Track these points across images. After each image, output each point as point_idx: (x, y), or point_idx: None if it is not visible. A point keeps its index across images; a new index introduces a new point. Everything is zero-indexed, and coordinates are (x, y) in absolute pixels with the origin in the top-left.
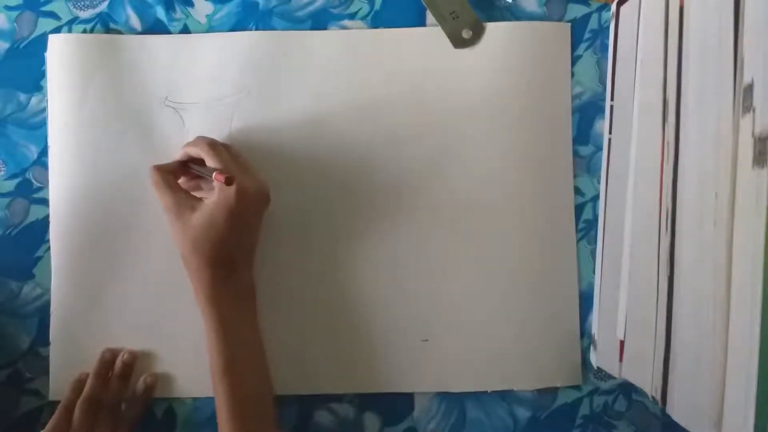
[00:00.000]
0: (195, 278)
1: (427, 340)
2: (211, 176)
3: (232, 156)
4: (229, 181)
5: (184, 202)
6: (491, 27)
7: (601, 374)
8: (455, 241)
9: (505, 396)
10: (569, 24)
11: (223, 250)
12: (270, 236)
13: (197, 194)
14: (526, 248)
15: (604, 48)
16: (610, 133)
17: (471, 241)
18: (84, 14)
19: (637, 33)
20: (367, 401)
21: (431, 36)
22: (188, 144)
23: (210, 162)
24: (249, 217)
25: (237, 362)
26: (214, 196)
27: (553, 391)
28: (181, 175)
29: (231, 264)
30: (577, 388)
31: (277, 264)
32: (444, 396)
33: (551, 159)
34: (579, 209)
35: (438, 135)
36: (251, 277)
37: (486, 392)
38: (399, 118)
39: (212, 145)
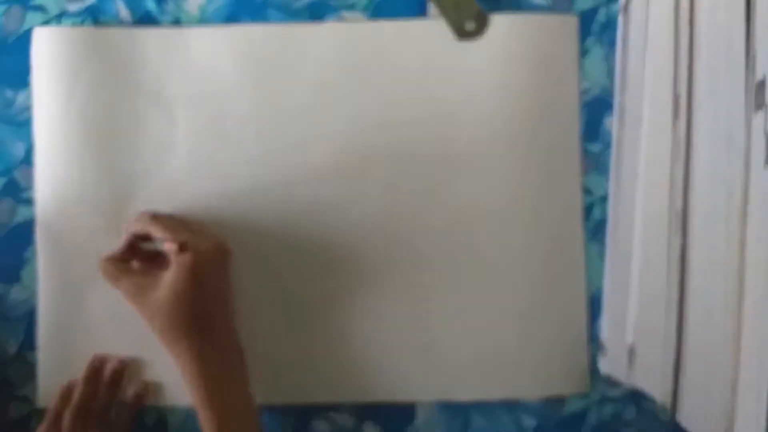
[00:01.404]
0: (176, 353)
1: (429, 347)
2: (163, 248)
3: (178, 221)
4: (182, 247)
5: (144, 283)
6: (496, 20)
7: (610, 381)
8: (457, 243)
9: (510, 404)
10: (576, 17)
11: (197, 317)
12: (264, 240)
13: (157, 272)
14: (532, 250)
15: (613, 42)
16: (619, 129)
17: (474, 243)
18: (73, 7)
19: (647, 27)
20: (367, 410)
21: (433, 29)
22: (131, 222)
23: (157, 234)
24: (213, 276)
25: (230, 426)
26: (172, 266)
27: (560, 399)
28: (132, 257)
29: (209, 329)
30: (585, 395)
31: (273, 271)
32: (447, 405)
33: (558, 157)
34: (587, 209)
35: (440, 131)
36: (236, 339)
37: (490, 401)
38: (400, 112)
39: (154, 217)
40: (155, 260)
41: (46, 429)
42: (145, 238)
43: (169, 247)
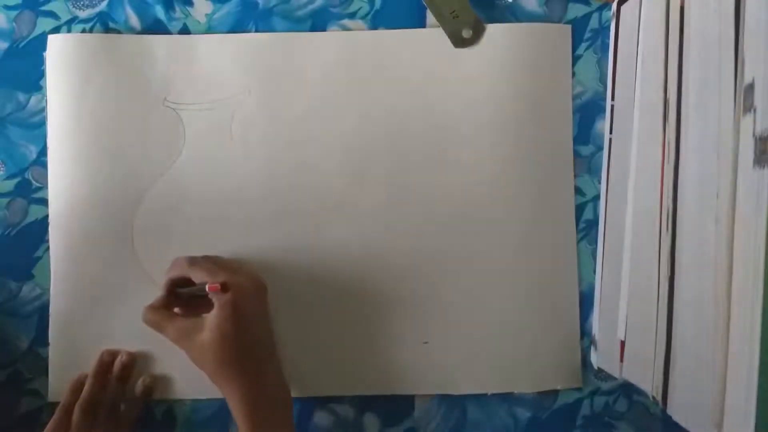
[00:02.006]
0: (227, 393)
1: (427, 343)
2: (204, 291)
3: (213, 262)
4: (224, 288)
5: (190, 326)
6: (492, 28)
7: (601, 375)
8: (455, 242)
9: (505, 397)
10: (570, 26)
11: (244, 355)
12: (267, 241)
13: (200, 314)
14: (526, 249)
15: (605, 48)
16: (610, 132)
17: (471, 242)
18: (83, 14)
19: (638, 32)
20: (368, 402)
21: (432, 37)
22: (168, 270)
23: (196, 277)
24: (253, 311)
25: None
26: (215, 307)
27: (553, 392)
28: (173, 304)
29: (255, 367)
30: (577, 388)
31: (275, 269)
32: (444, 397)
33: (552, 159)
34: (579, 209)
35: (438, 136)
36: (282, 377)
37: (486, 394)
38: (399, 119)
39: (191, 260)
40: (195, 303)
41: (57, 422)
42: (183, 283)
43: (211, 288)
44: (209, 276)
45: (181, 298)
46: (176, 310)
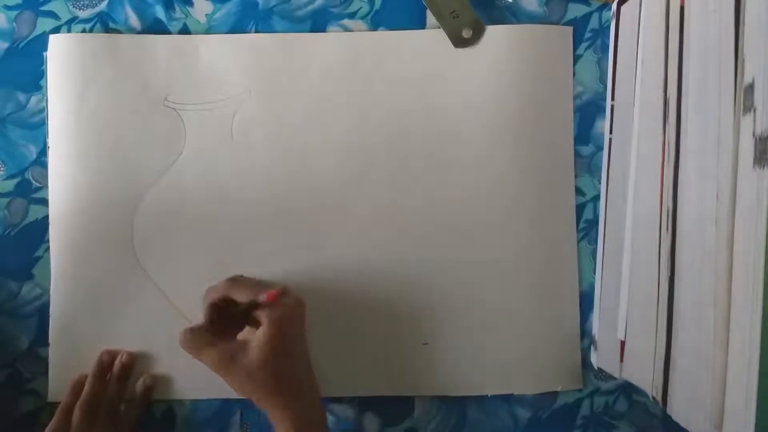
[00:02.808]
0: (278, 415)
1: (427, 344)
2: (248, 309)
3: (255, 282)
4: (284, 290)
5: (230, 351)
6: (493, 30)
7: (601, 375)
8: (455, 243)
9: (505, 397)
10: (571, 27)
11: (294, 374)
12: (268, 242)
13: (240, 337)
14: (526, 249)
15: (605, 48)
16: (610, 132)
17: (471, 242)
18: (83, 14)
19: (638, 33)
20: (368, 402)
21: (432, 38)
22: (207, 296)
23: (240, 296)
24: (299, 329)
25: None
26: (264, 325)
27: (553, 392)
28: (213, 328)
29: (305, 385)
30: (577, 389)
31: (276, 268)
32: (444, 396)
33: (552, 160)
34: (579, 209)
35: (439, 136)
36: (320, 396)
37: (486, 396)
38: (400, 119)
39: (233, 280)
40: (231, 331)
41: (57, 423)
42: (225, 306)
43: (270, 297)
44: (255, 293)
45: (220, 326)
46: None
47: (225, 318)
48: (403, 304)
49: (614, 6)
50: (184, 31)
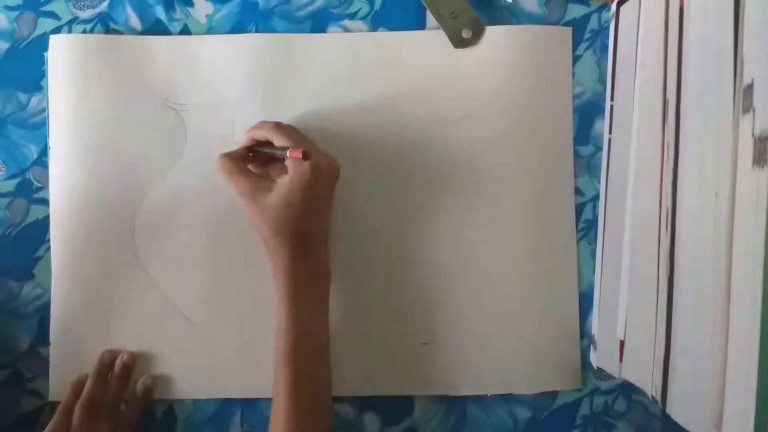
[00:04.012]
0: (274, 258)
1: (426, 344)
2: (283, 155)
3: (299, 134)
4: (306, 155)
5: (259, 184)
6: (493, 30)
7: (601, 374)
8: (456, 243)
9: (505, 396)
10: (570, 28)
11: (301, 228)
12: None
13: (271, 177)
14: (526, 249)
15: (604, 48)
16: (610, 133)
17: (471, 243)
18: (84, 14)
19: (637, 33)
20: (368, 401)
21: (432, 39)
22: (253, 128)
23: (280, 142)
24: (323, 191)
25: (303, 345)
26: (289, 173)
27: (553, 392)
28: (248, 160)
29: (308, 242)
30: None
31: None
32: (444, 396)
33: (552, 160)
34: (579, 209)
35: (439, 137)
36: (328, 260)
37: (486, 395)
38: (400, 120)
39: (279, 125)
40: (268, 166)
41: (57, 422)
42: (262, 144)
43: (293, 153)
44: (293, 143)
45: (256, 158)
46: (250, 166)
47: (263, 156)
48: (403, 304)
49: (614, 6)
50: (185, 31)
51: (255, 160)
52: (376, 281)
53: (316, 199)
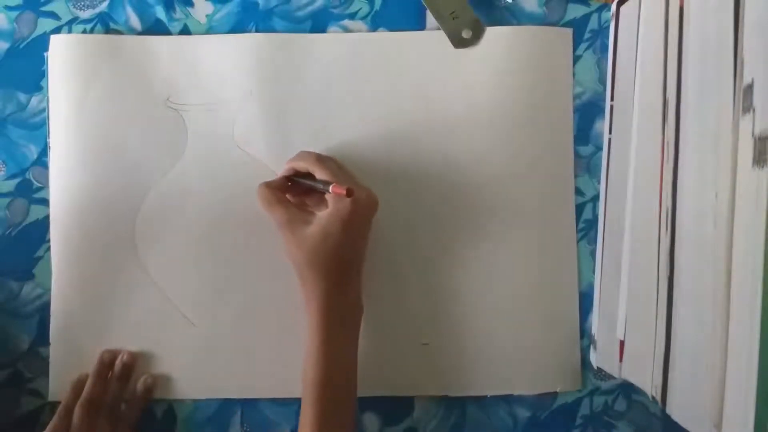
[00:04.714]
0: (309, 290)
1: (427, 344)
2: (323, 189)
3: (339, 167)
4: (349, 193)
5: (297, 216)
6: (493, 31)
7: (601, 374)
8: (455, 243)
9: (505, 396)
10: (571, 29)
11: (338, 262)
12: (268, 242)
13: (304, 208)
14: (526, 249)
15: (604, 48)
16: (610, 133)
17: (471, 243)
18: (84, 14)
19: (637, 33)
20: (368, 401)
21: (433, 39)
22: (293, 159)
23: (321, 175)
24: (361, 226)
25: (332, 378)
26: (329, 208)
27: (553, 392)
28: (287, 190)
29: (344, 276)
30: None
31: (277, 272)
32: (444, 396)
33: (552, 160)
34: (579, 209)
35: (439, 137)
36: (360, 296)
37: (486, 396)
38: (400, 120)
39: (320, 158)
40: (305, 196)
41: (57, 422)
42: (302, 175)
43: (336, 189)
44: (334, 178)
45: (294, 188)
46: (288, 195)
47: (301, 187)
48: (404, 304)
49: (614, 6)
50: (185, 31)
51: (293, 189)
52: (376, 281)
53: (354, 233)
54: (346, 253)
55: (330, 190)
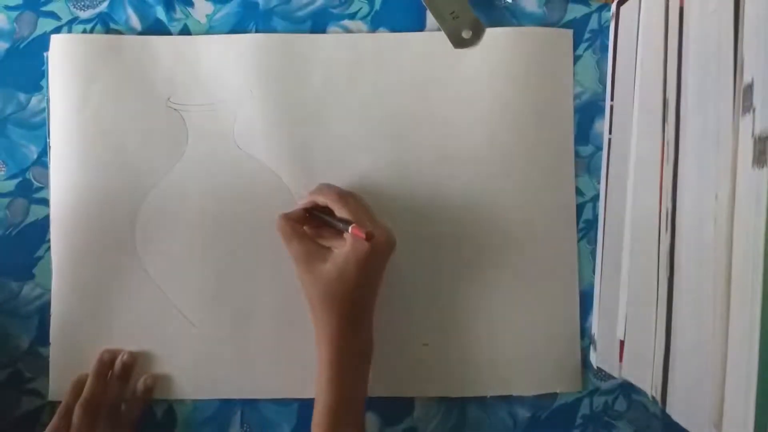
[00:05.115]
0: (321, 327)
1: (427, 344)
2: (343, 227)
3: (359, 205)
4: (369, 236)
5: (314, 252)
6: (493, 32)
7: (601, 374)
8: (456, 244)
9: (505, 396)
10: (571, 31)
11: (353, 302)
12: (268, 243)
13: (321, 242)
14: (526, 249)
15: (604, 48)
16: (610, 133)
17: (471, 243)
18: (84, 14)
19: (637, 33)
20: (368, 402)
21: (432, 39)
22: (314, 192)
23: (341, 213)
24: (378, 267)
25: (341, 418)
26: (347, 247)
27: (553, 392)
28: (305, 221)
29: (357, 316)
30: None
31: (277, 273)
32: (444, 397)
33: (553, 160)
34: (579, 209)
35: (439, 137)
36: (371, 332)
37: (486, 397)
38: (400, 120)
39: (341, 195)
40: (322, 228)
41: (57, 422)
42: (321, 209)
43: (356, 231)
44: (353, 216)
45: (312, 220)
46: (305, 227)
47: (320, 220)
48: (404, 305)
49: (614, 7)
50: (185, 31)
51: (311, 221)
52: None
53: (370, 274)
54: (360, 293)
55: (349, 230)
